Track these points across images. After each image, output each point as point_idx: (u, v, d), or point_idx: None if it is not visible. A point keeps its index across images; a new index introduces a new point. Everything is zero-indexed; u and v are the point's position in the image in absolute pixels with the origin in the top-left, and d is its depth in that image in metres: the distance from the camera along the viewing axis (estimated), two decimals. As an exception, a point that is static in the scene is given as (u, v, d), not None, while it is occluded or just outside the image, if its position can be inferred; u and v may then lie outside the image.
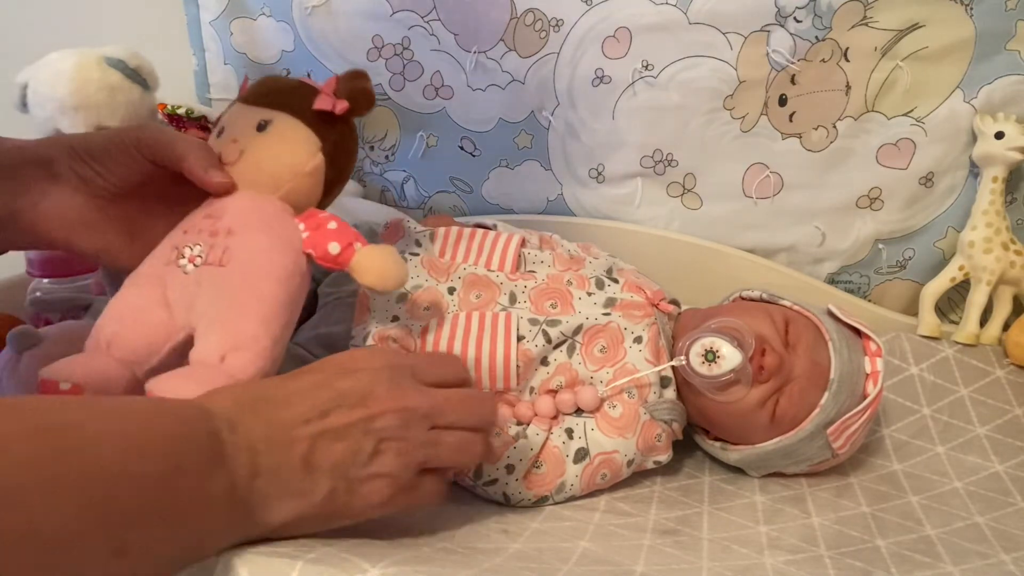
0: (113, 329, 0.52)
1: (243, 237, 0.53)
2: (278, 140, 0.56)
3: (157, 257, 0.55)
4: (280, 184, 0.56)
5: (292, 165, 0.56)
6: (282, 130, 0.56)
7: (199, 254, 0.53)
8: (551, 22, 0.85)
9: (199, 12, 0.92)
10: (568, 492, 0.61)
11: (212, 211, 0.55)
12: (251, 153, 0.55)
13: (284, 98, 0.57)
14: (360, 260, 0.54)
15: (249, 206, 0.55)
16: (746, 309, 0.68)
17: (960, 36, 0.81)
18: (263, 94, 0.58)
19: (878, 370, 0.65)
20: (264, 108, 0.57)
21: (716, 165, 0.88)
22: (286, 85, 0.59)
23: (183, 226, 0.55)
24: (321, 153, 0.57)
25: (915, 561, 0.54)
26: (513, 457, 0.59)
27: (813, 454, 0.65)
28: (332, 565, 0.42)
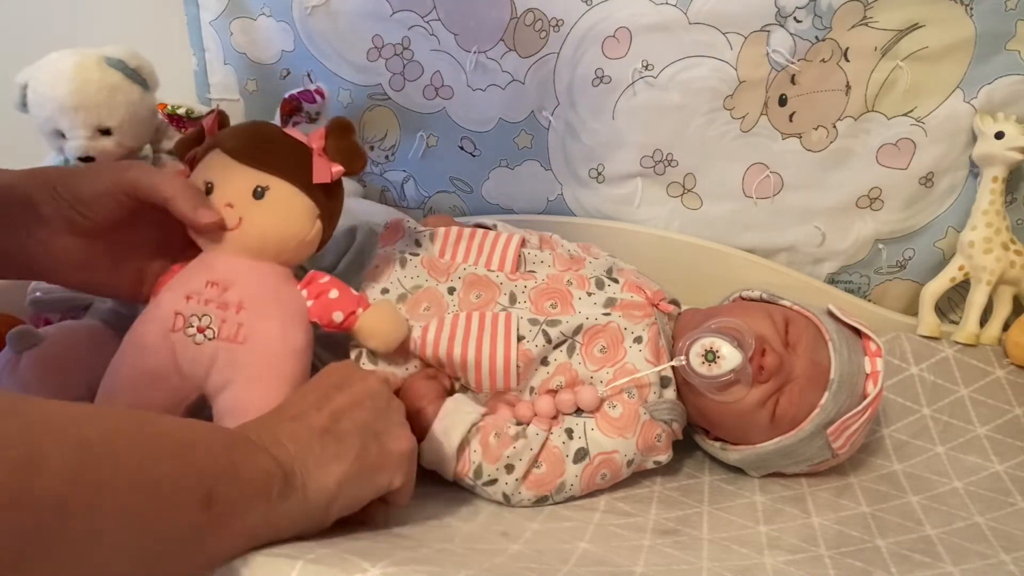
0: (130, 397, 0.54)
1: (256, 314, 0.55)
2: (279, 211, 0.56)
3: (158, 321, 0.55)
4: (282, 253, 0.57)
5: (295, 236, 0.57)
6: (281, 199, 0.56)
7: (209, 326, 0.54)
8: (551, 22, 0.85)
9: (199, 12, 0.92)
10: (568, 492, 0.61)
11: (215, 278, 0.55)
12: (251, 222, 0.55)
13: (279, 162, 0.56)
14: (363, 326, 0.58)
15: (255, 278, 0.56)
16: (746, 309, 0.68)
17: (960, 36, 0.81)
18: (253, 153, 0.56)
19: (878, 370, 0.65)
20: (257, 171, 0.56)
21: (716, 165, 0.88)
22: (278, 144, 0.58)
23: (182, 289, 0.55)
24: (319, 220, 0.57)
25: (915, 561, 0.54)
26: (513, 457, 0.59)
27: (813, 454, 0.65)
28: (332, 565, 0.42)
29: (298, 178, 0.56)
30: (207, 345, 0.54)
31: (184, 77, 0.94)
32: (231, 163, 0.56)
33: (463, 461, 0.59)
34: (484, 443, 0.59)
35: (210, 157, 0.57)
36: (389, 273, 0.66)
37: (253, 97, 0.94)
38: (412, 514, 0.55)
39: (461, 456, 0.59)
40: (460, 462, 0.59)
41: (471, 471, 0.59)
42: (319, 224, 0.58)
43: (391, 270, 0.67)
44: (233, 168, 0.56)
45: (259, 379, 0.54)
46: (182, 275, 0.57)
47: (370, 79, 0.91)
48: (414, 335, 0.62)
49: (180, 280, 0.56)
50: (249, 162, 0.56)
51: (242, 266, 0.55)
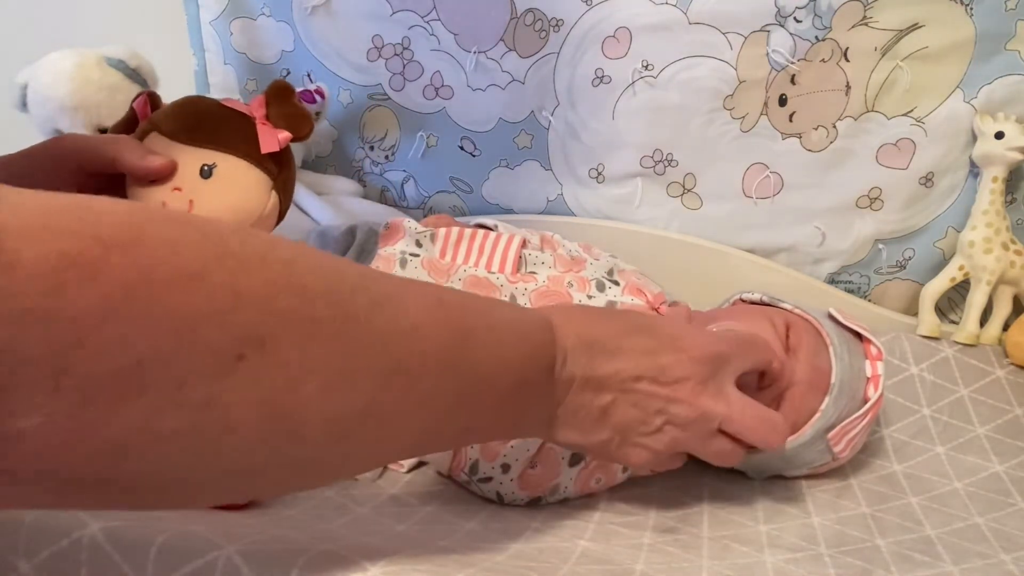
0: None
1: None
2: (230, 187, 0.54)
3: None
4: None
5: (251, 211, 0.55)
6: (231, 175, 0.54)
7: None
8: (551, 22, 0.85)
9: (199, 12, 0.92)
10: (562, 494, 0.61)
11: None
12: (203, 203, 0.53)
13: (222, 136, 0.54)
14: None
15: None
16: (746, 313, 0.68)
17: (960, 36, 0.81)
18: (194, 131, 0.54)
19: (879, 374, 0.64)
20: (199, 148, 0.54)
21: (716, 165, 0.88)
22: (218, 118, 0.56)
23: None
24: (274, 191, 0.56)
25: (915, 560, 0.54)
26: (509, 457, 0.59)
27: (813, 458, 0.65)
28: (332, 563, 0.42)
29: (245, 150, 0.54)
30: None
31: (184, 77, 0.94)
32: (172, 145, 0.54)
33: (459, 457, 0.59)
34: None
35: (149, 141, 0.55)
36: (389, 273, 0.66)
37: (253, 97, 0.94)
38: (412, 513, 0.55)
39: (457, 452, 0.59)
40: (456, 458, 0.59)
41: (466, 467, 0.59)
42: (275, 196, 0.56)
43: (391, 271, 0.67)
44: (175, 150, 0.54)
45: None
46: None
47: (370, 79, 0.91)
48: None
49: None
50: (191, 141, 0.54)
51: None
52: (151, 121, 0.56)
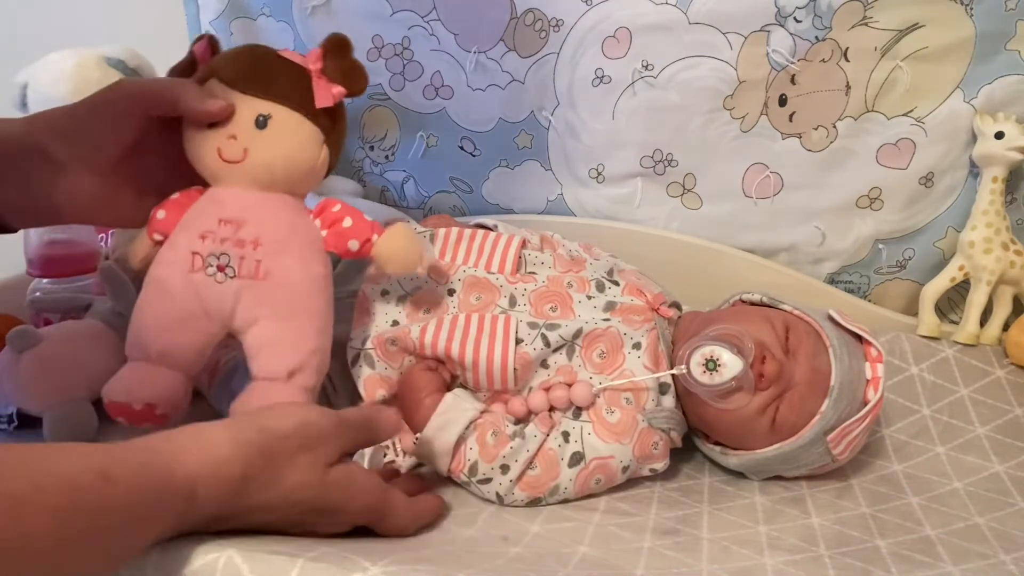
0: (161, 342, 0.54)
1: (274, 250, 0.54)
2: (284, 139, 0.55)
3: (177, 264, 0.54)
4: (291, 183, 0.56)
5: (302, 163, 0.56)
6: (286, 127, 0.55)
7: (228, 264, 0.54)
8: (551, 22, 0.85)
9: (199, 12, 0.92)
10: (561, 495, 0.61)
11: (227, 215, 0.54)
12: (257, 153, 0.55)
13: (279, 88, 0.55)
14: (379, 252, 0.58)
15: (268, 213, 0.55)
16: (746, 315, 0.68)
17: (960, 36, 0.81)
18: (252, 80, 0.55)
19: (879, 376, 0.64)
20: (258, 99, 0.55)
21: (716, 165, 0.88)
22: (276, 70, 0.56)
23: (195, 228, 0.55)
24: (325, 146, 0.57)
25: (915, 561, 0.54)
26: (509, 457, 0.59)
27: (813, 460, 0.65)
28: (333, 563, 0.42)
29: (300, 103, 0.55)
30: (229, 284, 0.54)
31: (184, 77, 0.94)
32: (230, 92, 0.55)
33: (458, 458, 0.59)
34: (481, 441, 0.59)
35: (208, 87, 0.56)
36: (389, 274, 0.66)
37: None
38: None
39: (456, 453, 0.59)
40: (455, 459, 0.59)
41: (466, 468, 0.59)
42: (325, 150, 0.57)
43: (391, 270, 0.67)
44: (233, 98, 0.55)
45: (286, 315, 0.54)
46: (192, 213, 0.56)
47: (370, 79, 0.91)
48: (412, 335, 0.62)
49: (191, 218, 0.56)
50: (249, 90, 0.55)
51: (252, 200, 0.55)
52: (211, 67, 0.57)
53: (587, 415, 0.62)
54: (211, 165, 0.56)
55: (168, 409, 0.55)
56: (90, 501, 0.37)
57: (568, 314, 0.65)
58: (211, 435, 0.44)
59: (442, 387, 0.62)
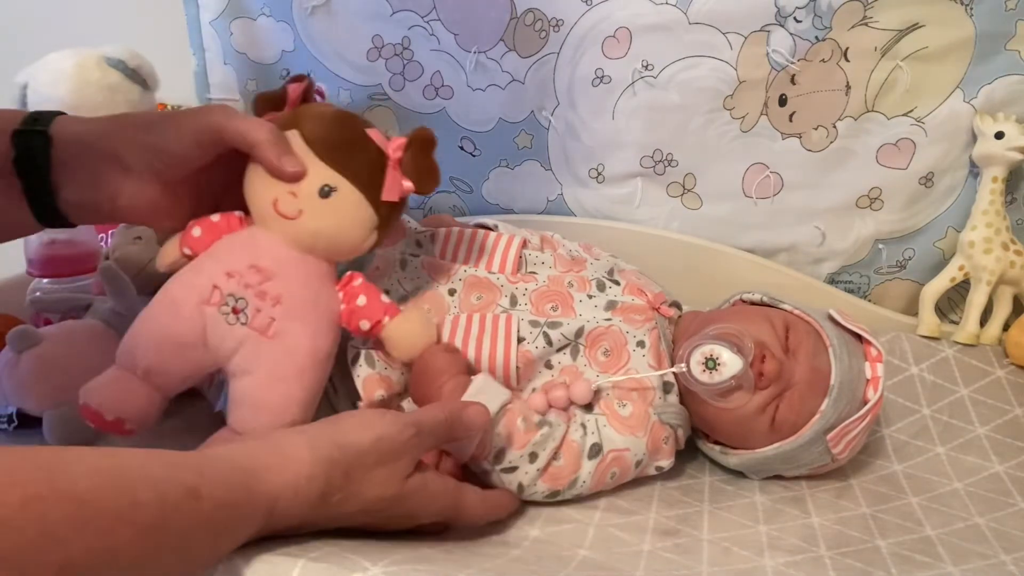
0: (152, 360, 0.54)
1: (291, 315, 0.54)
2: (341, 214, 0.55)
3: (196, 290, 0.54)
4: (332, 255, 0.57)
5: (348, 241, 0.56)
6: (346, 204, 0.55)
7: (243, 310, 0.54)
8: (551, 22, 0.85)
9: (199, 12, 0.92)
10: (579, 488, 0.60)
11: (260, 263, 0.54)
12: (311, 218, 0.54)
13: (354, 167, 0.55)
14: (387, 336, 0.57)
15: (299, 276, 0.55)
16: (746, 314, 0.68)
17: (960, 36, 0.81)
18: (332, 150, 0.55)
19: (879, 376, 0.64)
20: (329, 167, 0.54)
21: (716, 165, 0.88)
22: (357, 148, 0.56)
23: (224, 262, 0.55)
24: (376, 232, 0.57)
25: (915, 561, 0.54)
26: (537, 445, 0.58)
27: (812, 459, 0.65)
28: (334, 563, 0.42)
29: (368, 187, 0.55)
30: (238, 329, 0.54)
31: (184, 77, 0.94)
32: (307, 153, 0.55)
33: (484, 444, 0.57)
34: (511, 427, 0.57)
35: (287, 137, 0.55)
36: (389, 274, 0.66)
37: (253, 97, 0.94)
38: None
39: (483, 438, 0.57)
40: (480, 444, 0.57)
41: (491, 455, 0.57)
42: (375, 236, 0.57)
43: (391, 271, 0.66)
44: (308, 158, 0.55)
45: (280, 379, 0.54)
46: (226, 245, 0.56)
47: (370, 79, 0.91)
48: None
49: (224, 251, 0.56)
50: (325, 157, 0.55)
51: (289, 258, 0.55)
52: (297, 118, 0.56)
53: (599, 408, 0.62)
54: (262, 210, 0.55)
55: (136, 426, 0.54)
56: (177, 520, 0.38)
57: (569, 313, 0.65)
58: (293, 452, 0.45)
59: (464, 368, 0.60)
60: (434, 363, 0.59)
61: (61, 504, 0.33)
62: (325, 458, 0.45)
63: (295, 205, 0.54)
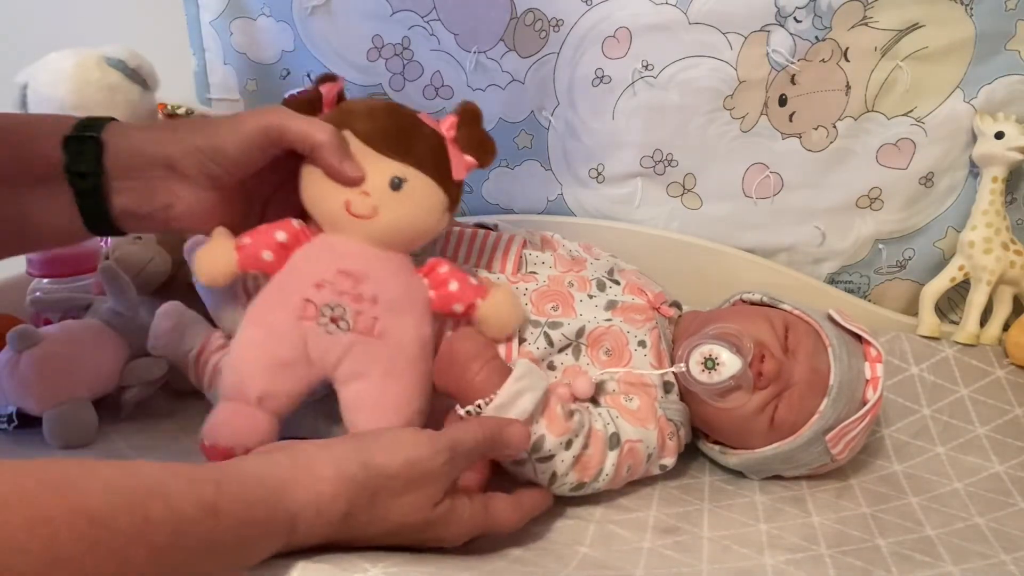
0: (262, 386, 0.53)
1: (392, 310, 0.54)
2: (416, 203, 0.55)
3: (288, 308, 0.54)
4: (411, 245, 0.57)
5: (426, 228, 0.56)
6: (419, 192, 0.55)
7: (343, 317, 0.53)
8: (551, 22, 0.85)
9: (199, 12, 0.92)
10: (601, 481, 0.59)
11: (348, 268, 0.54)
12: (387, 213, 0.54)
13: (418, 153, 0.55)
14: (482, 317, 0.57)
15: (388, 272, 0.55)
16: (745, 314, 0.68)
17: (960, 36, 0.81)
18: (393, 143, 0.55)
19: (878, 376, 0.64)
20: (395, 161, 0.55)
21: (716, 165, 0.88)
22: (412, 131, 0.56)
23: (310, 275, 0.54)
24: (448, 212, 0.57)
25: (915, 561, 0.54)
26: (573, 432, 0.56)
27: (812, 459, 0.65)
28: (333, 564, 0.42)
29: (434, 170, 0.55)
30: (341, 336, 0.53)
31: (184, 77, 0.94)
32: (365, 150, 0.55)
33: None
34: (551, 415, 0.56)
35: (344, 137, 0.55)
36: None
37: (253, 97, 0.94)
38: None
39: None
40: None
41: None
42: (448, 216, 0.57)
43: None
44: (369, 156, 0.55)
45: (395, 375, 0.54)
46: (306, 258, 0.55)
47: (370, 79, 0.91)
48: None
49: (305, 265, 0.55)
50: (386, 151, 0.55)
51: (373, 257, 0.55)
52: (345, 118, 0.56)
53: (606, 403, 0.62)
54: (334, 215, 0.55)
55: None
56: (194, 538, 0.36)
57: (570, 312, 0.65)
58: (318, 470, 0.43)
59: (496, 353, 0.58)
60: (463, 348, 0.56)
61: (71, 525, 0.32)
62: (350, 478, 0.43)
63: (368, 204, 0.54)
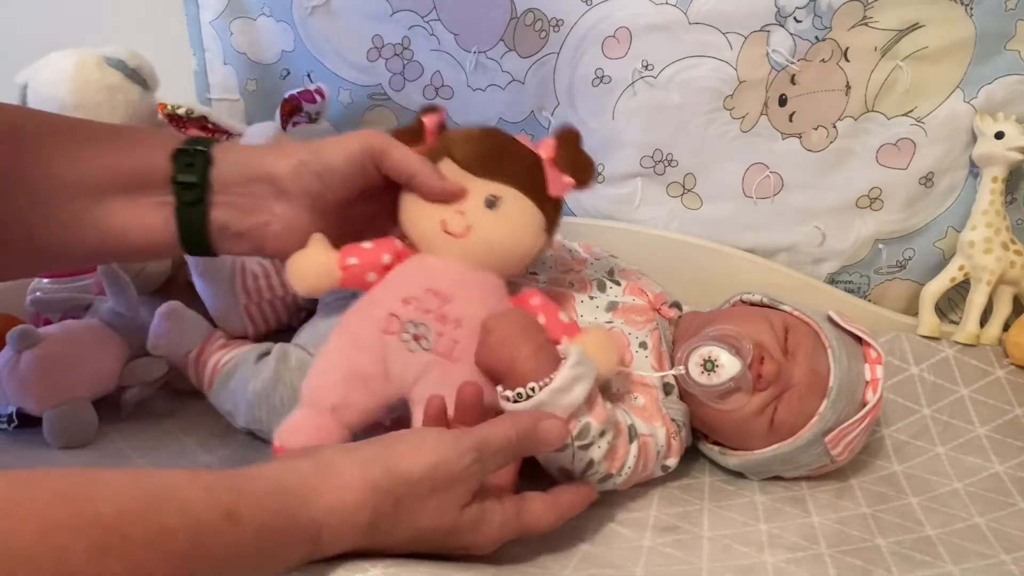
0: (338, 396, 0.53)
1: (472, 335, 0.53)
2: (511, 221, 0.55)
3: (371, 319, 0.54)
4: (504, 265, 0.56)
5: (522, 247, 0.56)
6: (514, 211, 0.55)
7: (425, 336, 0.53)
8: (551, 22, 0.85)
9: (199, 12, 0.92)
10: (624, 475, 0.58)
11: (437, 287, 0.54)
12: (481, 231, 0.54)
13: (513, 172, 0.55)
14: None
15: (477, 295, 0.55)
16: (745, 315, 0.68)
17: (960, 36, 0.81)
18: (488, 164, 0.55)
19: (878, 377, 0.64)
20: (491, 181, 0.55)
21: (716, 165, 0.88)
22: (512, 154, 0.56)
23: (400, 290, 0.54)
24: (545, 232, 0.57)
25: (915, 560, 0.54)
26: (609, 422, 0.55)
27: (811, 461, 0.65)
28: (334, 564, 0.42)
29: (531, 189, 0.55)
30: (421, 355, 0.53)
31: (184, 77, 0.94)
32: (463, 175, 0.55)
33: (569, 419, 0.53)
34: (595, 400, 0.54)
35: (441, 167, 0.56)
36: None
37: (253, 97, 0.94)
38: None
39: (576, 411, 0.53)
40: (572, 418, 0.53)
41: (576, 429, 0.53)
42: (544, 237, 0.57)
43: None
44: (466, 180, 0.55)
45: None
46: (398, 274, 0.55)
47: (370, 79, 0.91)
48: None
49: (397, 280, 0.55)
50: (482, 173, 0.55)
51: (464, 278, 0.54)
52: (445, 145, 0.57)
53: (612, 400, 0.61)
54: (430, 234, 0.55)
55: None
56: (214, 545, 0.35)
57: (570, 314, 0.64)
58: (343, 477, 0.42)
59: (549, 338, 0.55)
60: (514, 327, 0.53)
61: (83, 533, 0.31)
62: (374, 484, 0.42)
63: (463, 222, 0.54)
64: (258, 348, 0.67)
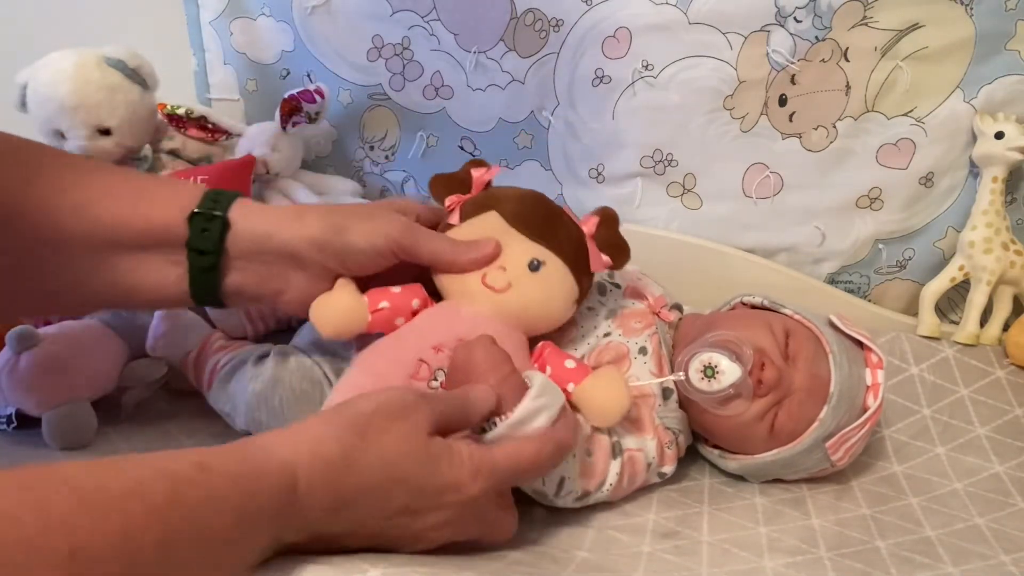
0: None
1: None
2: (549, 286, 0.56)
3: (399, 363, 0.54)
4: (533, 328, 0.57)
5: (553, 313, 0.57)
6: (554, 277, 0.56)
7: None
8: (551, 22, 0.85)
9: (199, 12, 0.92)
10: (604, 491, 0.58)
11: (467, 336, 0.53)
12: (520, 290, 0.55)
13: (559, 240, 0.57)
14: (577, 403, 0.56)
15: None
16: (745, 320, 0.67)
17: (960, 36, 0.81)
18: (537, 226, 0.57)
19: (879, 382, 0.64)
20: (535, 243, 0.56)
21: (716, 165, 0.88)
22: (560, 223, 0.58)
23: (431, 336, 0.55)
24: (575, 304, 0.58)
25: (915, 562, 0.54)
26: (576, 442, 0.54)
27: (811, 465, 0.64)
28: (333, 565, 0.42)
29: (573, 260, 0.57)
30: None
31: (184, 77, 0.94)
32: (511, 231, 0.56)
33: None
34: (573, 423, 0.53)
35: (487, 217, 0.57)
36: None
37: (253, 97, 0.94)
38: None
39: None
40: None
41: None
42: (574, 308, 0.58)
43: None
44: (512, 236, 0.56)
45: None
46: (429, 319, 0.56)
47: (370, 79, 0.91)
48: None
49: (427, 325, 0.56)
50: (529, 233, 0.56)
51: (494, 332, 0.54)
52: (492, 201, 0.58)
53: None
54: (468, 286, 0.56)
55: None
56: (190, 494, 0.36)
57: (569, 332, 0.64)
58: (300, 426, 0.44)
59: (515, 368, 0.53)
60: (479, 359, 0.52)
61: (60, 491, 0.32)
62: (330, 420, 0.44)
63: (504, 278, 0.55)
64: (257, 349, 0.67)
